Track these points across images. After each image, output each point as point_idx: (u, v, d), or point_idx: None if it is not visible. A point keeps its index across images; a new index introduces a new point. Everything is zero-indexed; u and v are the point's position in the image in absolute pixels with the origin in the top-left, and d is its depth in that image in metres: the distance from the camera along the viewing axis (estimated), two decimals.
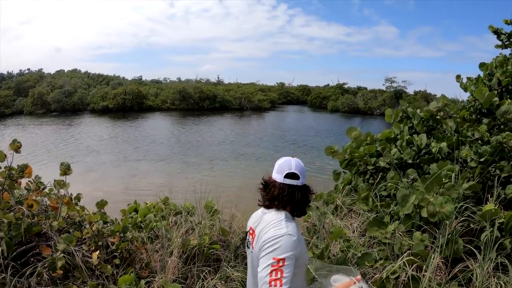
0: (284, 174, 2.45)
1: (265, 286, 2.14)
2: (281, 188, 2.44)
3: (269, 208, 2.49)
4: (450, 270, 4.08)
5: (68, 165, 4.60)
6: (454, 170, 4.77)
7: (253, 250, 2.48)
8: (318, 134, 36.39)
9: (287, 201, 2.45)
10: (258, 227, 2.47)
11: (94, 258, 3.93)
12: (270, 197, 2.47)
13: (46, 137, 31.65)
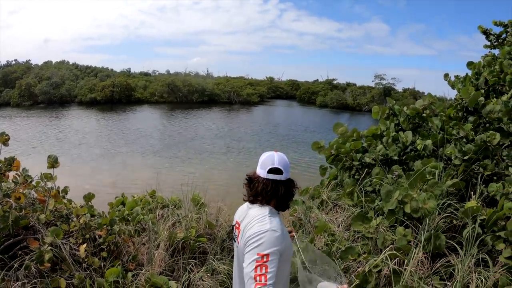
0: (267, 169, 2.45)
1: (250, 281, 2.17)
2: (265, 183, 2.45)
3: (254, 203, 2.51)
4: (433, 265, 4.17)
5: (55, 158, 4.61)
6: (438, 167, 4.86)
7: (238, 244, 2.50)
8: (307, 130, 36.45)
9: (271, 196, 2.46)
10: (243, 222, 2.49)
11: (81, 251, 3.95)
12: (254, 193, 2.49)
13: (33, 130, 31.30)
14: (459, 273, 3.82)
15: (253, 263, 2.20)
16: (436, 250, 4.17)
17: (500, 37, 9.24)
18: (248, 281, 2.20)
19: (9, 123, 35.79)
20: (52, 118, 39.96)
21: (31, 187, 4.65)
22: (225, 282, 3.98)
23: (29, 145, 24.73)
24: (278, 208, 2.53)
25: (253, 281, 2.16)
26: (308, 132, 34.68)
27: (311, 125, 39.22)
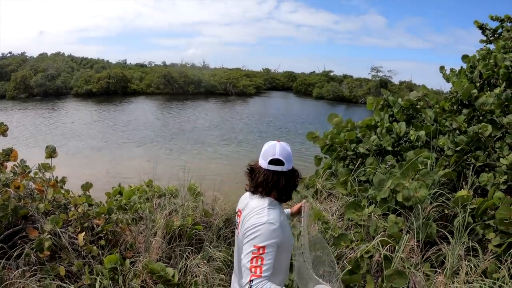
0: (268, 160, 2.46)
1: (246, 272, 2.22)
2: (266, 174, 2.46)
3: (255, 193, 2.53)
4: (424, 253, 4.27)
5: (53, 148, 4.68)
6: (431, 158, 4.94)
7: (238, 233, 2.57)
8: (304, 121, 36.46)
9: (272, 187, 2.47)
10: (244, 212, 2.53)
11: (80, 239, 4.01)
12: (255, 184, 2.51)
13: (29, 122, 31.18)
14: (449, 260, 3.92)
15: (249, 255, 2.25)
16: (427, 238, 4.27)
17: (496, 32, 9.30)
18: (244, 272, 2.24)
19: (5, 115, 35.65)
20: (48, 110, 39.81)
21: (29, 178, 4.70)
22: (221, 269, 4.06)
23: (25, 137, 24.68)
24: (280, 199, 2.54)
25: (249, 272, 2.20)
26: (305, 123, 34.69)
27: (307, 117, 39.21)
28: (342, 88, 55.74)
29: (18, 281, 3.44)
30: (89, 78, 52.15)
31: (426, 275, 3.92)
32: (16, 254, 3.74)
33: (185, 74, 55.19)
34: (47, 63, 55.11)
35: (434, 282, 3.82)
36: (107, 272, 3.63)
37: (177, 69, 58.53)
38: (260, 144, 2.63)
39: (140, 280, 3.78)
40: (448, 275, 3.81)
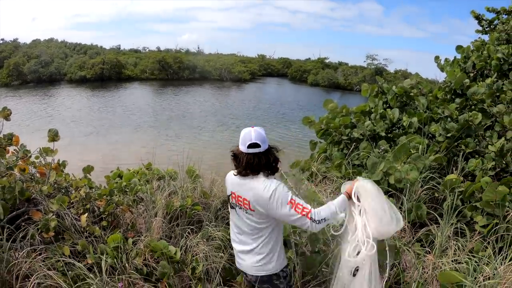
0: (246, 145, 2.87)
1: (300, 220, 2.80)
2: (247, 157, 2.88)
3: (246, 175, 2.93)
4: (415, 234, 4.46)
5: (56, 132, 4.75)
6: (422, 143, 5.11)
7: (244, 207, 2.96)
8: (301, 107, 36.53)
9: (257, 167, 2.90)
10: (245, 193, 2.94)
11: (82, 220, 4.12)
12: (242, 167, 2.92)
13: (23, 109, 31.09)
14: (438, 240, 4.10)
15: (291, 211, 2.79)
16: (418, 219, 4.46)
17: (492, 23, 9.40)
18: (300, 223, 2.83)
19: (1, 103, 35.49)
20: (42, 97, 39.68)
21: (29, 162, 4.81)
22: (220, 247, 4.20)
23: (21, 124, 24.63)
24: (268, 174, 2.96)
25: (301, 216, 2.79)
26: (302, 110, 34.74)
27: (302, 103, 39.32)
28: (337, 75, 55.75)
29: (24, 260, 3.53)
30: (83, 64, 51.89)
31: (417, 254, 4.10)
32: (21, 236, 3.84)
33: (179, 60, 55.13)
34: (40, 49, 54.70)
35: (424, 260, 4.00)
36: (111, 250, 3.75)
37: (171, 54, 58.35)
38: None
39: (142, 259, 3.91)
40: (437, 253, 4.00)
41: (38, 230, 3.91)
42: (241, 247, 3.15)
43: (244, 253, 3.12)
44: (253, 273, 3.09)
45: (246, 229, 3.06)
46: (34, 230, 3.88)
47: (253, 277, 3.11)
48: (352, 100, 40.10)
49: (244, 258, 3.14)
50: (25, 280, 3.44)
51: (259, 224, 2.97)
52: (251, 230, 3.02)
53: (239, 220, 3.09)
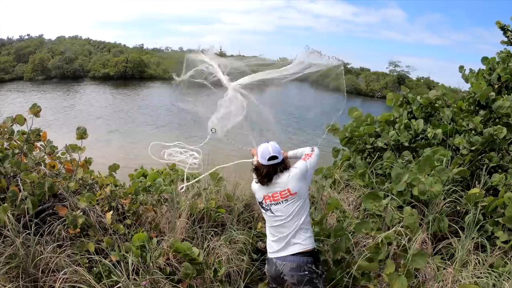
0: (267, 158, 3.45)
1: (306, 153, 3.81)
2: (268, 168, 3.48)
3: (264, 184, 3.52)
4: (435, 246, 4.44)
5: (84, 130, 4.85)
6: (447, 155, 5.08)
7: (283, 199, 3.48)
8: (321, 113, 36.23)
9: (275, 173, 3.50)
10: (280, 188, 3.48)
11: (108, 217, 4.20)
12: (265, 175, 3.49)
13: (48, 103, 31.43)
14: (459, 253, 4.08)
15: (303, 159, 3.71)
16: (439, 232, 4.44)
17: None
18: (306, 158, 3.71)
19: (24, 97, 36.01)
20: (66, 92, 40.21)
21: (55, 158, 4.91)
22: (242, 251, 4.24)
23: (46, 118, 24.88)
24: None
25: (305, 156, 3.75)
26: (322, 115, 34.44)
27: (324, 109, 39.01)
28: (359, 81, 55.17)
29: (49, 255, 3.60)
30: (106, 61, 52.42)
31: (436, 266, 4.09)
32: (47, 231, 3.91)
33: None
34: (65, 46, 55.43)
35: (444, 273, 3.98)
36: (135, 249, 3.81)
37: None
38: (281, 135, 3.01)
39: (165, 259, 3.97)
40: (457, 267, 3.97)
41: (65, 225, 3.99)
42: (286, 239, 3.47)
43: (292, 240, 3.47)
44: (303, 249, 3.44)
45: (288, 219, 3.47)
46: (61, 226, 3.96)
47: (301, 260, 3.42)
48: (373, 107, 39.81)
49: (291, 248, 3.47)
50: (50, 275, 3.51)
51: (300, 202, 3.49)
52: (294, 214, 3.47)
53: (280, 212, 3.49)
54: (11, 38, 61.09)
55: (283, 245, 3.47)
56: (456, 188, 4.89)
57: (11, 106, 30.36)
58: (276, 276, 3.53)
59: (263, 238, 4.61)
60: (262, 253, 4.48)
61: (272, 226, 3.57)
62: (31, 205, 3.87)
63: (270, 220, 3.57)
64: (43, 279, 3.50)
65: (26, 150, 4.73)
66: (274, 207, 3.50)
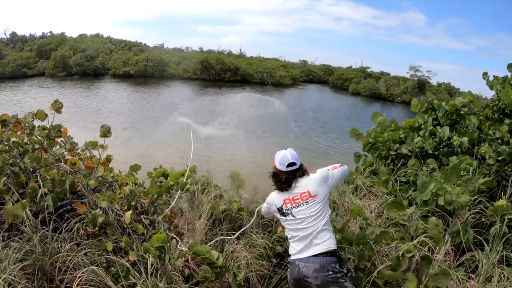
0: (285, 164, 3.57)
1: (331, 167, 3.89)
2: (287, 174, 3.59)
3: (284, 190, 3.63)
4: (458, 258, 4.32)
5: (108, 128, 4.84)
6: (473, 165, 4.96)
7: (307, 200, 3.55)
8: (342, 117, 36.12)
9: (293, 179, 3.61)
10: (301, 189, 3.58)
11: (127, 216, 4.16)
12: (284, 181, 3.60)
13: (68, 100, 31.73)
14: (483, 266, 3.96)
15: (328, 170, 3.81)
16: (463, 244, 4.31)
17: None
18: (333, 171, 3.82)
19: (45, 92, 36.49)
20: (87, 89, 40.69)
21: (74, 154, 4.91)
22: (262, 255, 4.18)
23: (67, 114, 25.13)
24: None
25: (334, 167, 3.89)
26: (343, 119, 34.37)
27: (344, 113, 38.90)
28: (379, 86, 54.71)
29: (67, 254, 3.59)
30: (127, 60, 52.92)
31: (459, 279, 3.97)
32: (66, 228, 3.91)
33: (222, 61, 55.30)
34: (86, 44, 56.09)
35: (467, 286, 3.87)
36: (154, 250, 3.77)
37: (214, 55, 58.64)
38: (302, 137, 2.92)
39: (183, 260, 3.92)
40: (481, 281, 3.86)
41: (83, 223, 3.97)
42: (308, 239, 3.49)
43: (314, 241, 3.47)
44: (325, 249, 3.43)
45: (309, 220, 3.51)
46: (79, 224, 3.95)
47: (324, 260, 3.40)
48: (393, 111, 39.45)
49: (313, 248, 3.46)
50: (66, 273, 3.48)
51: (320, 204, 3.55)
52: (315, 216, 3.51)
53: (302, 214, 3.54)
54: (34, 34, 62.11)
55: (305, 245, 3.47)
56: (481, 198, 4.76)
57: (34, 101, 30.74)
58: (299, 279, 3.43)
59: (282, 243, 4.55)
60: (281, 258, 4.42)
61: (293, 229, 3.58)
62: (51, 202, 3.86)
63: (291, 223, 3.59)
64: (59, 277, 3.47)
65: (46, 146, 4.73)
66: (295, 209, 3.56)
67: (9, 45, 57.38)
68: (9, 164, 4.06)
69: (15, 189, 3.93)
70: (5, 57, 49.90)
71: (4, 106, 29.37)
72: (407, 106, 43.65)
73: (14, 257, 3.31)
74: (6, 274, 3.05)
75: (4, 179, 3.92)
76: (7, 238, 3.57)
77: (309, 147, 21.94)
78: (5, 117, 4.51)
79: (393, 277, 3.71)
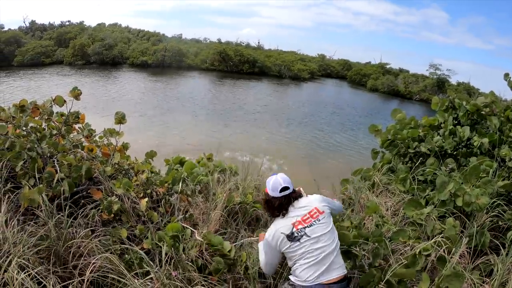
0: (278, 190, 3.46)
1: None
2: (280, 200, 3.47)
3: (287, 211, 3.48)
4: (474, 261, 4.25)
5: (123, 115, 4.86)
6: (492, 167, 4.87)
7: (315, 220, 3.40)
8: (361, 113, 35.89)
9: (287, 206, 3.49)
10: (308, 208, 3.46)
11: (142, 204, 4.19)
12: (278, 207, 3.50)
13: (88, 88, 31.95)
14: (498, 271, 3.89)
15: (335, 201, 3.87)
16: (480, 247, 4.24)
17: None
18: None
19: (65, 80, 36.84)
20: (105, 78, 41.07)
21: (92, 141, 4.95)
22: None
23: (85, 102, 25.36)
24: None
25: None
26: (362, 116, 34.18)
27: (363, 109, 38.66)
28: (397, 83, 54.13)
29: (81, 240, 3.58)
30: (145, 49, 53.17)
31: (473, 282, 3.91)
32: (81, 214, 3.95)
33: (240, 53, 55.22)
34: (105, 33, 56.55)
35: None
36: (169, 239, 3.77)
37: (232, 47, 58.56)
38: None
39: (197, 250, 3.92)
40: (495, 285, 3.78)
41: (98, 210, 4.01)
42: (329, 259, 3.31)
43: (335, 261, 3.34)
44: (343, 274, 3.35)
45: (327, 237, 3.37)
46: (95, 210, 3.98)
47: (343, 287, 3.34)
48: (411, 109, 39.10)
49: (332, 272, 3.30)
50: (80, 259, 3.48)
51: (329, 221, 3.47)
52: (330, 232, 3.42)
53: (316, 233, 3.36)
54: (53, 23, 62.80)
55: (325, 267, 3.26)
56: (499, 201, 4.67)
57: (53, 89, 31.07)
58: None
59: None
60: None
61: (309, 251, 3.32)
62: (67, 188, 3.88)
63: (307, 245, 3.33)
64: (72, 263, 3.48)
65: (64, 132, 4.77)
66: (308, 229, 3.37)
67: (28, 33, 58.07)
68: (26, 149, 4.09)
69: (32, 174, 3.96)
70: (24, 45, 50.40)
71: (24, 93, 29.73)
72: (425, 104, 43.30)
73: (29, 241, 3.32)
74: (20, 258, 3.07)
75: (21, 163, 3.96)
76: (22, 222, 3.58)
77: (319, 143, 21.84)
78: (23, 103, 4.56)
79: (407, 275, 3.67)
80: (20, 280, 2.90)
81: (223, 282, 3.80)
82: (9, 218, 3.45)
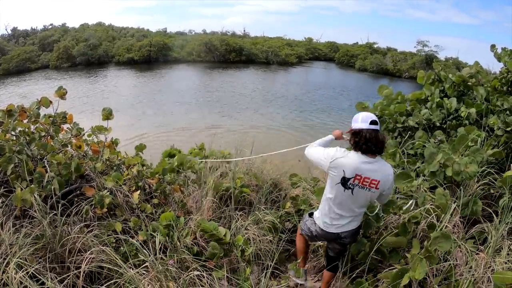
0: (369, 122, 3.38)
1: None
2: (370, 133, 3.34)
3: (374, 153, 3.40)
4: (468, 230, 4.29)
5: (110, 111, 4.86)
6: (481, 136, 4.90)
7: (371, 188, 3.39)
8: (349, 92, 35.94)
9: (381, 144, 3.42)
10: (375, 175, 3.37)
11: (135, 197, 4.21)
12: (367, 140, 3.33)
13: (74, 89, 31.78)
14: (492, 238, 3.93)
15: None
16: (472, 215, 4.28)
17: None
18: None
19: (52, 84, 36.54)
20: (91, 78, 40.80)
21: (82, 140, 4.94)
22: (270, 230, 4.20)
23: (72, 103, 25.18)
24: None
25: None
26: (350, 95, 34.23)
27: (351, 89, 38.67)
28: (386, 61, 54.12)
29: (76, 236, 3.61)
30: (130, 46, 52.81)
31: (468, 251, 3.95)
32: (75, 211, 3.93)
33: (226, 42, 55.01)
34: (89, 33, 55.99)
35: (476, 258, 3.85)
36: (163, 228, 3.80)
37: (218, 37, 58.33)
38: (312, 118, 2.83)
39: (192, 238, 3.95)
40: (490, 252, 3.82)
41: (92, 205, 4.01)
42: (347, 219, 3.58)
43: (345, 222, 3.59)
44: (349, 229, 3.61)
45: (355, 205, 3.51)
46: (88, 205, 3.97)
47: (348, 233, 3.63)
48: (401, 87, 39.06)
49: (349, 225, 3.62)
50: (76, 255, 3.51)
51: (374, 196, 3.48)
52: (362, 206, 3.56)
53: (350, 198, 3.45)
54: (35, 28, 62.16)
55: (347, 222, 3.59)
56: (490, 170, 4.71)
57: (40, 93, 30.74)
58: (332, 239, 3.73)
59: (290, 219, 4.56)
60: (291, 233, 4.43)
61: (339, 203, 3.52)
62: (57, 186, 3.89)
63: (344, 197, 3.47)
64: (69, 259, 3.49)
65: (52, 133, 4.77)
66: (358, 189, 3.40)
67: (11, 40, 57.43)
68: (16, 152, 4.08)
69: (23, 176, 3.95)
70: (8, 53, 49.79)
71: (11, 99, 29.43)
72: (414, 81, 43.03)
73: (24, 241, 3.33)
74: (17, 258, 3.08)
75: (12, 167, 3.95)
76: (18, 224, 3.59)
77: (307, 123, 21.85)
78: (10, 107, 4.54)
79: (398, 243, 3.72)
80: (19, 279, 2.91)
81: (220, 266, 3.83)
82: (4, 221, 3.46)
